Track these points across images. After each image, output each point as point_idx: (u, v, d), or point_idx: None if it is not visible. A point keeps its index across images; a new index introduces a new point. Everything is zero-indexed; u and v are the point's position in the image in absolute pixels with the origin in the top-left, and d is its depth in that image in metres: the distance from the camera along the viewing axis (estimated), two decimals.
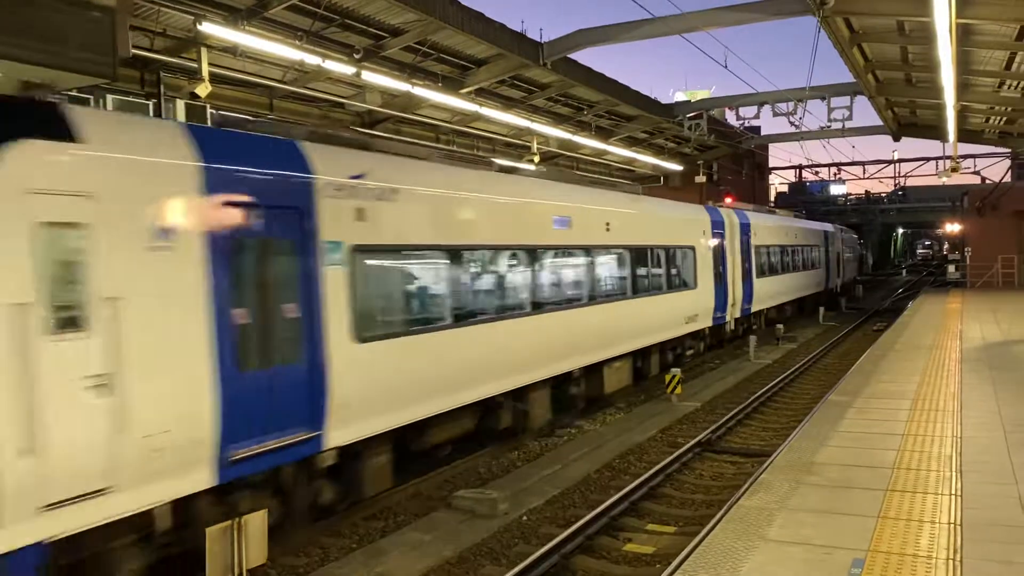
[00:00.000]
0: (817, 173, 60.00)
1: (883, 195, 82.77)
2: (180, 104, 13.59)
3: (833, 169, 57.83)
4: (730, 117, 34.96)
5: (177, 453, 6.19)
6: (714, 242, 20.12)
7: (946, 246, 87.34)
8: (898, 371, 13.37)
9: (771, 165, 56.71)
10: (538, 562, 7.78)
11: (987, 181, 46.07)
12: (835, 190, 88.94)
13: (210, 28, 11.85)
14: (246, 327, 6.86)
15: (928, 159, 57.61)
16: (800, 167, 58.81)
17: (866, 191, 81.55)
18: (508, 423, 11.51)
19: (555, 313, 12.04)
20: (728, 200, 34.58)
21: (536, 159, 23.49)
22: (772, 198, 64.38)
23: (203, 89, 13.22)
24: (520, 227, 11.31)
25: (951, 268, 40.30)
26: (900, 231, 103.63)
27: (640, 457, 12.13)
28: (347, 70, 14.19)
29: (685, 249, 17.85)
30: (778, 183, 65.30)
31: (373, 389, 8.22)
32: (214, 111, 14.53)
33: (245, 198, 6.88)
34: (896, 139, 32.36)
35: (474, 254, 10.24)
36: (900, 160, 60.59)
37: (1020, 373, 12.88)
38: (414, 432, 9.46)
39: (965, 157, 50.95)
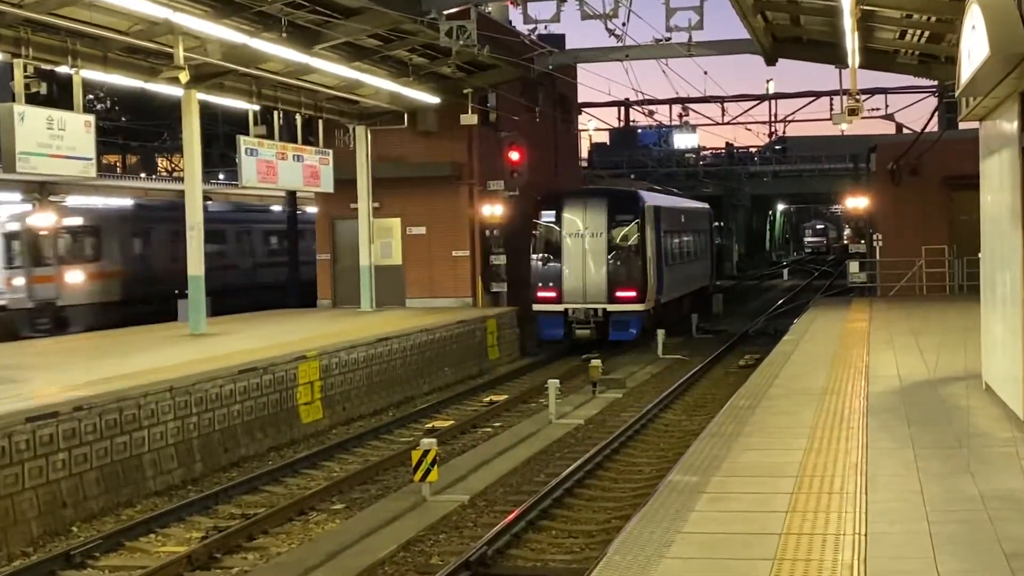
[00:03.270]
0: (653, 115, 62.81)
1: (753, 150, 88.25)
2: None
3: (677, 108, 60.96)
4: (516, 19, 36.01)
5: (652, 293, 37.50)
6: (708, 229, 52.10)
7: (847, 232, 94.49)
8: (774, 432, 14.24)
9: (582, 100, 58.81)
10: None
11: (905, 130, 50.42)
12: (682, 142, 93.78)
13: None
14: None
15: (818, 94, 62.30)
16: (627, 103, 61.11)
17: (728, 144, 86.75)
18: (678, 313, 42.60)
19: (686, 263, 45.30)
20: (515, 156, 35.61)
21: (183, 77, 22.79)
22: (585, 154, 66.71)
23: None
24: (682, 220, 45.47)
25: (854, 266, 43.44)
26: (780, 208, 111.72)
27: None
28: None
29: (705, 232, 50.51)
30: (593, 129, 67.45)
31: (669, 283, 40.24)
32: None
33: (660, 214, 40.14)
34: (771, 62, 34.52)
35: (676, 232, 43.33)
36: (777, 95, 65.21)
37: (951, 429, 14.12)
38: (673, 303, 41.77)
39: (871, 92, 55.61)
